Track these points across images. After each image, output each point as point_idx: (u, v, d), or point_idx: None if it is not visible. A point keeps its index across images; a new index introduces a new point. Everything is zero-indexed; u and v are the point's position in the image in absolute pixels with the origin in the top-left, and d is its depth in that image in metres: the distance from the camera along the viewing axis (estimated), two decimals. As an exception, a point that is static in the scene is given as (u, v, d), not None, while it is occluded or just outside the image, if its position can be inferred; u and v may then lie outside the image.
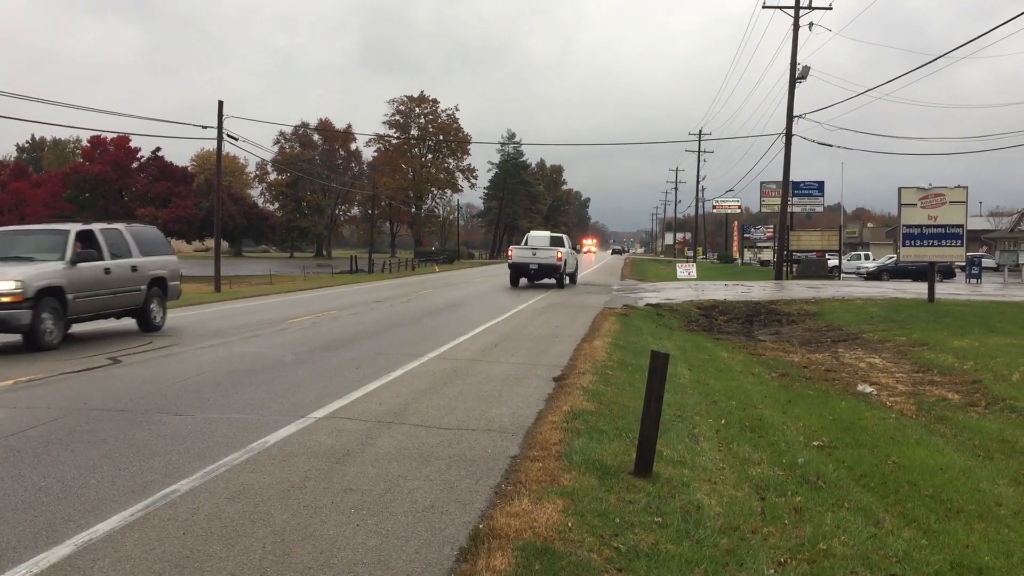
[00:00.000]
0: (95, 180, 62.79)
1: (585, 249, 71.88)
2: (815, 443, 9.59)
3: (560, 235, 39.59)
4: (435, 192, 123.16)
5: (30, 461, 7.44)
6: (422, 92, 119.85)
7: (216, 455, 7.63)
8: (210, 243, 65.89)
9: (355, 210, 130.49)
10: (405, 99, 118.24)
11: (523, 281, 37.28)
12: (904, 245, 29.42)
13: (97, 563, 5.13)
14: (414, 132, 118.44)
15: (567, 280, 37.68)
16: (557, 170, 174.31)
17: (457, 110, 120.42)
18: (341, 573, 5.06)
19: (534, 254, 35.99)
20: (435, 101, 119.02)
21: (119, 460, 7.46)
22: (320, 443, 8.18)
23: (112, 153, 63.24)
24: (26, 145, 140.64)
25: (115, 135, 62.12)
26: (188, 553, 5.31)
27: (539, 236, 38.77)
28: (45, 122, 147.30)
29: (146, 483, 6.76)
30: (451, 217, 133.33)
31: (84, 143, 73.27)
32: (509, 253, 37.57)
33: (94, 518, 5.92)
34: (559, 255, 35.84)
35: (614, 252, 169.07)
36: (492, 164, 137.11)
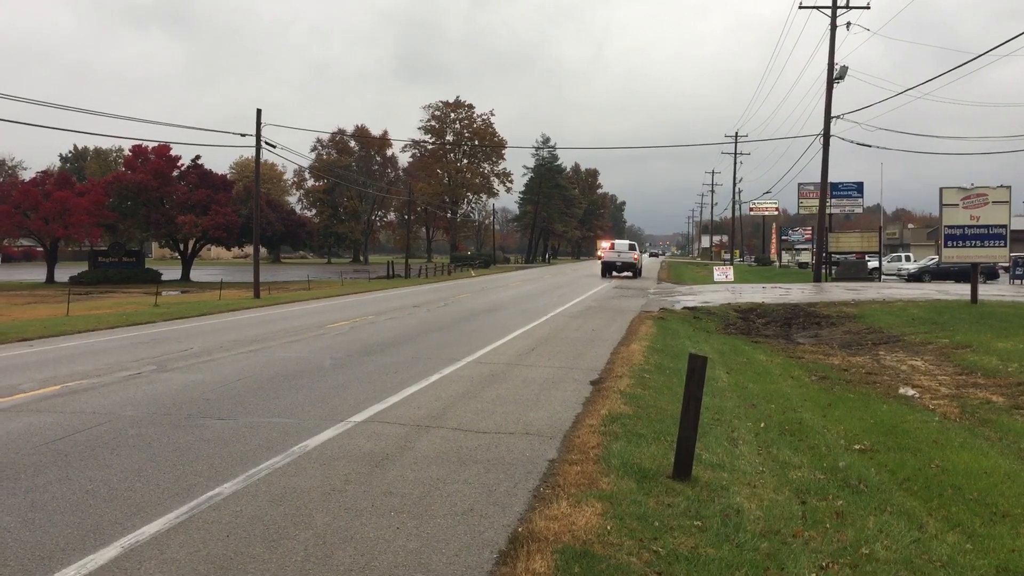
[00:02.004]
0: (137, 188, 63.51)
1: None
2: (856, 447, 9.49)
3: (635, 243, 60.45)
4: (471, 197, 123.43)
5: (77, 464, 7.58)
6: (457, 97, 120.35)
7: (258, 459, 7.73)
8: (249, 250, 66.53)
9: (391, 215, 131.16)
10: (440, 104, 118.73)
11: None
12: (946, 246, 28.97)
13: (143, 565, 5.22)
14: (449, 137, 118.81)
15: (640, 273, 56.02)
16: (592, 174, 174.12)
17: (492, 115, 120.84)
18: (382, 575, 5.10)
19: (619, 255, 54.98)
20: (470, 106, 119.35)
21: (164, 464, 7.59)
22: (359, 447, 8.25)
23: (153, 162, 64.01)
24: (69, 155, 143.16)
25: (156, 144, 62.91)
26: (232, 555, 5.39)
27: (622, 243, 58.45)
28: (88, 132, 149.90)
29: (190, 486, 6.86)
30: (487, 222, 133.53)
31: (126, 152, 74.41)
32: (600, 255, 58.01)
33: (140, 520, 6.02)
34: (635, 256, 56.36)
35: (651, 255, 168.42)
36: (527, 168, 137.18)
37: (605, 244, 60.43)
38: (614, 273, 53.85)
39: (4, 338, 18.96)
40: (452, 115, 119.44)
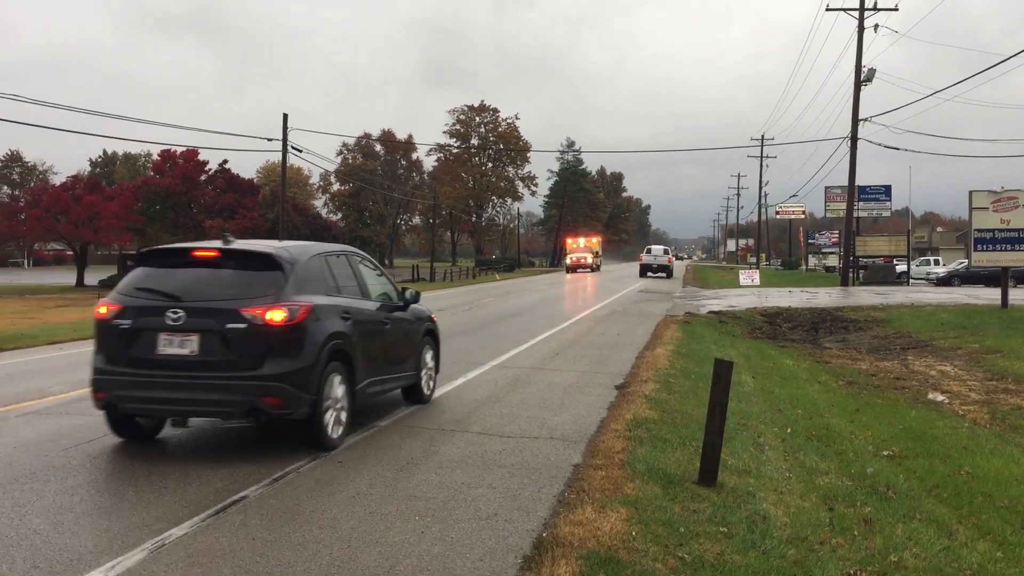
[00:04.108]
0: (165, 193, 64.35)
1: (571, 257, 77.24)
2: (885, 453, 9.41)
3: (668, 248, 72.03)
4: (495, 201, 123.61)
5: (106, 468, 7.66)
6: (482, 102, 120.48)
7: (283, 462, 7.76)
8: (275, 253, 66.98)
9: (416, 219, 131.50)
10: (465, 108, 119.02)
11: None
12: (976, 250, 28.62)
13: (170, 568, 5.27)
14: (474, 141, 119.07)
15: (672, 274, 62.04)
16: (617, 177, 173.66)
17: (517, 118, 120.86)
18: (407, 580, 5.11)
19: (655, 259, 62.28)
20: (495, 110, 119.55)
21: (188, 467, 7.64)
22: (384, 450, 8.28)
23: (181, 166, 64.78)
24: (99, 160, 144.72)
25: (184, 149, 63.61)
26: (258, 558, 5.42)
27: (657, 248, 66.20)
28: (118, 137, 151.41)
29: (216, 489, 6.91)
30: (511, 225, 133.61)
31: (155, 157, 75.24)
32: (641, 258, 64.33)
33: (167, 523, 6.07)
34: (669, 259, 64.45)
35: (676, 258, 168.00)
36: (552, 172, 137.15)
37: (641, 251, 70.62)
38: (649, 274, 60.83)
39: (35, 341, 19.19)
40: (477, 119, 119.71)
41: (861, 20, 44.92)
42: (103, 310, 8.27)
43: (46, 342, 19.13)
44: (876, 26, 45.07)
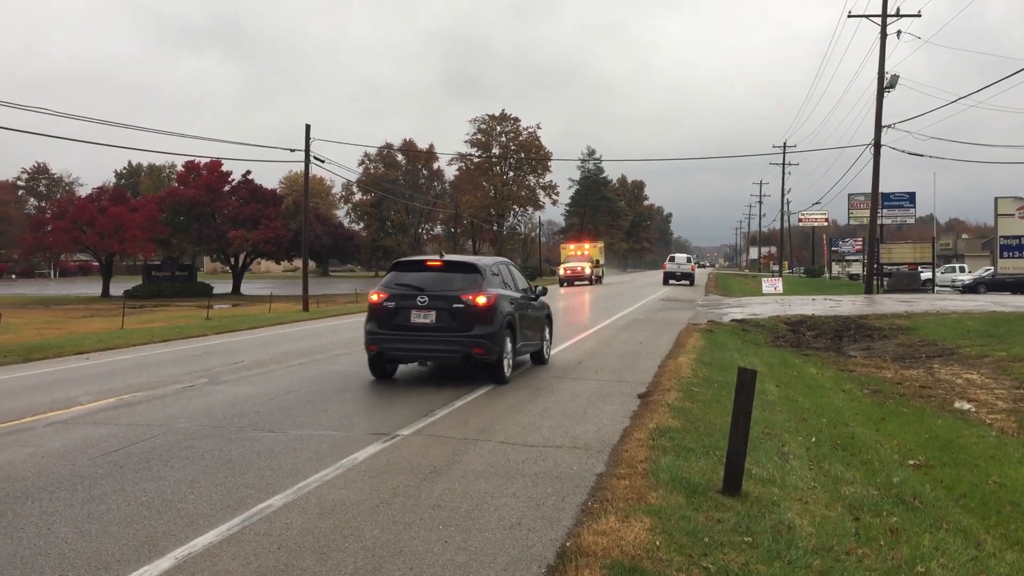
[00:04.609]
0: (189, 203, 64.78)
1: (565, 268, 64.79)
2: (911, 462, 9.32)
3: (691, 256, 72.76)
4: (517, 209, 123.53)
5: (132, 476, 7.72)
6: (503, 111, 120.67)
7: (307, 471, 7.80)
8: (298, 263, 67.37)
9: (438, 229, 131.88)
10: (487, 118, 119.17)
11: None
12: (1002, 257, 28.43)
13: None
14: (496, 150, 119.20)
15: (694, 281, 63.36)
16: (639, 185, 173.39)
17: (539, 127, 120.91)
18: (431, 589, 5.12)
19: (679, 267, 63.50)
20: (516, 119, 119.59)
21: (216, 476, 7.69)
22: (408, 460, 8.29)
23: (205, 177, 65.22)
24: (124, 171, 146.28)
25: (208, 160, 64.13)
26: (283, 567, 5.44)
27: (681, 256, 67.45)
28: (143, 149, 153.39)
29: (242, 498, 6.95)
30: (533, 234, 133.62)
31: (179, 168, 75.88)
32: (664, 266, 65.52)
33: (193, 532, 6.11)
34: (692, 267, 65.66)
35: (699, 266, 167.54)
36: (573, 181, 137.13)
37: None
38: (672, 281, 62.14)
39: (61, 351, 19.40)
40: (498, 128, 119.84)
41: (884, 26, 44.67)
42: (375, 297, 13.45)
43: (72, 352, 19.33)
44: (899, 32, 44.79)
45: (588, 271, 64.12)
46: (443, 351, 13.06)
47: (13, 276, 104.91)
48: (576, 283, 62.42)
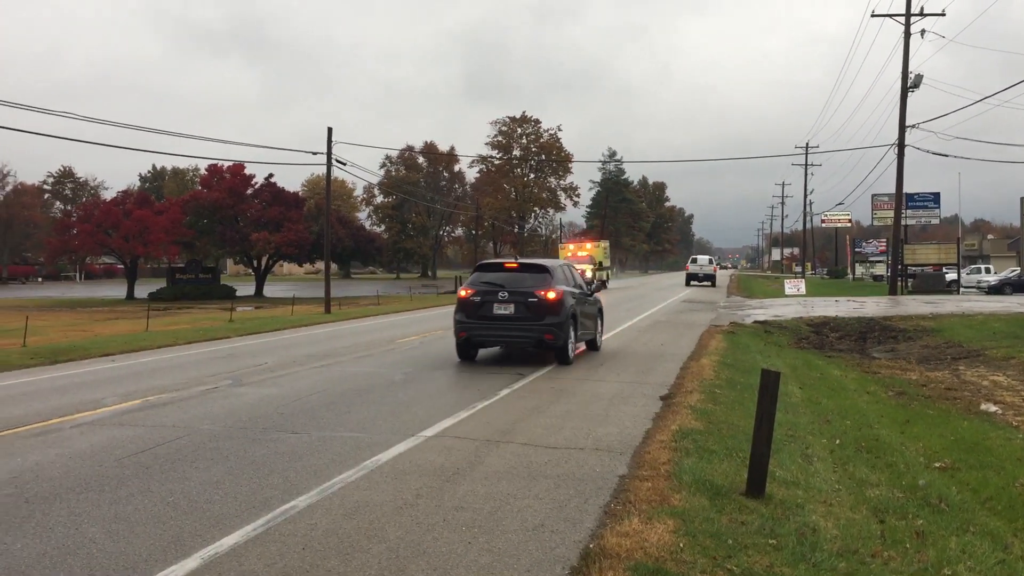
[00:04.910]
0: (212, 207, 65.16)
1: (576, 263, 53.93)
2: (936, 464, 9.25)
3: (713, 258, 75.57)
4: (538, 211, 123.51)
5: (158, 477, 7.79)
6: (523, 113, 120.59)
7: (331, 472, 7.85)
8: (320, 265, 67.67)
9: (459, 231, 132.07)
10: (507, 120, 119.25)
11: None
12: (1028, 257, 28.02)
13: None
14: (516, 152, 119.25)
15: (716, 282, 65.78)
16: (660, 187, 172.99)
17: (559, 129, 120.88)
18: (454, 590, 5.13)
19: (701, 268, 66.15)
20: (537, 121, 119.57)
21: (240, 476, 7.75)
22: (430, 461, 8.32)
23: (228, 180, 65.56)
24: (148, 175, 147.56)
25: (231, 163, 64.52)
26: (308, 568, 5.48)
27: (703, 258, 69.98)
28: (167, 152, 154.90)
29: (266, 499, 7.00)
30: (554, 236, 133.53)
31: (202, 171, 76.30)
32: (687, 268, 68.16)
33: (219, 532, 6.16)
34: (714, 268, 69.19)
35: (720, 268, 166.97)
36: (594, 183, 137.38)
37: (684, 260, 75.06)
38: (694, 282, 64.44)
39: (87, 353, 19.59)
40: (519, 130, 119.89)
41: (907, 25, 44.34)
42: (463, 293, 16.05)
43: (98, 354, 19.51)
44: (923, 31, 44.44)
45: (588, 274, 54.85)
46: (520, 337, 15.80)
47: (39, 279, 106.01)
48: None
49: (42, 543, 6.01)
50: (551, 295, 15.38)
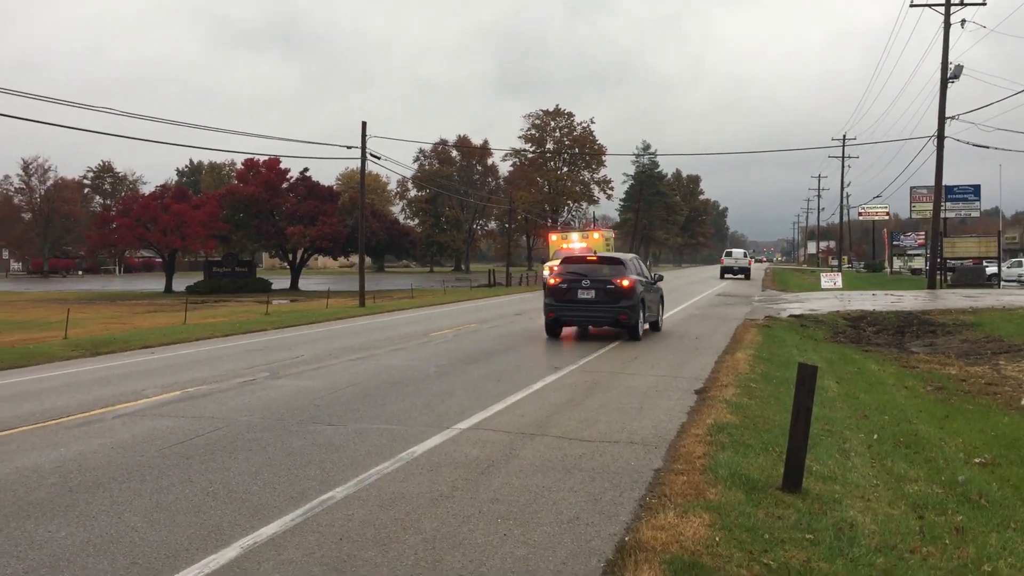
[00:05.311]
0: (248, 201, 65.68)
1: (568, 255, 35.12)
2: (976, 460, 9.13)
3: (747, 251, 78.72)
4: (571, 205, 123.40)
5: (198, 467, 7.91)
6: (557, 106, 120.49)
7: (367, 464, 7.92)
8: (354, 259, 68.06)
9: (492, 224, 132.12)
10: (541, 113, 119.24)
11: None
12: (1072, 250, 27.52)
13: (262, 566, 5.42)
14: (550, 145, 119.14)
15: (750, 275, 66.86)
16: (694, 180, 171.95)
17: (592, 122, 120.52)
18: (490, 581, 5.17)
19: (735, 261, 67.55)
20: (570, 114, 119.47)
21: (278, 467, 7.85)
22: (465, 454, 8.36)
23: (264, 175, 66.06)
24: (185, 169, 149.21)
25: (266, 157, 64.94)
26: (345, 558, 5.54)
27: (738, 252, 71.58)
28: (204, 147, 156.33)
29: (304, 490, 7.08)
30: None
31: (238, 166, 76.96)
32: (722, 261, 69.44)
33: (258, 522, 6.25)
34: (749, 261, 70.67)
35: (755, 261, 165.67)
36: (627, 176, 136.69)
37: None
38: (728, 275, 65.56)
39: (127, 345, 19.89)
40: (552, 123, 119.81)
41: (947, 15, 43.65)
42: (552, 281, 19.59)
43: (138, 346, 19.80)
44: (963, 21, 43.71)
45: None
46: (599, 316, 19.01)
47: (80, 272, 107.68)
48: None
49: (86, 531, 6.13)
50: (625, 283, 18.58)
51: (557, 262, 40.19)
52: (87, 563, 5.51)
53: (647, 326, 20.31)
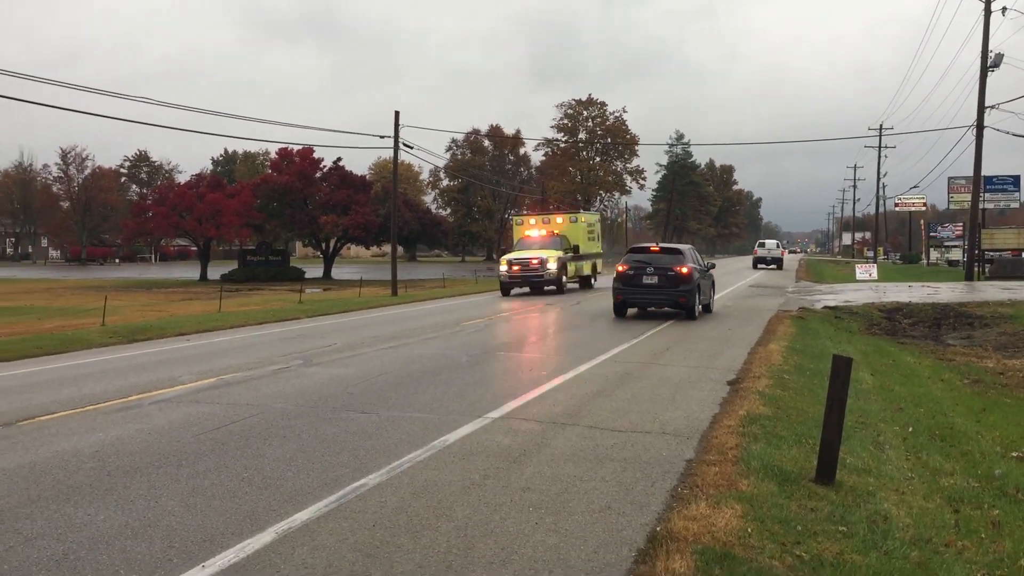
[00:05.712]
0: (282, 190, 66.12)
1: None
2: (1014, 454, 9.02)
3: (779, 242, 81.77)
4: (603, 195, 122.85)
5: (234, 454, 8.01)
6: (589, 95, 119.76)
7: (400, 452, 7.97)
8: (387, 248, 68.24)
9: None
10: (573, 103, 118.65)
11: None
12: (1114, 242, 27.01)
13: (296, 551, 5.48)
14: (582, 135, 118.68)
15: (783, 265, 67.60)
16: (727, 170, 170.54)
17: (625, 112, 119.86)
18: (522, 569, 5.19)
19: (768, 252, 68.69)
20: (603, 104, 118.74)
21: (312, 454, 7.93)
22: (497, 443, 8.39)
23: (297, 164, 66.45)
24: (220, 158, 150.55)
25: (300, 147, 65.35)
26: (378, 544, 5.59)
27: (771, 242, 73.42)
28: (238, 136, 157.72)
29: (337, 476, 7.15)
30: (619, 220, 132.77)
31: (272, 155, 77.52)
32: (755, 251, 70.60)
33: (292, 508, 6.32)
34: (782, 252, 72.09)
35: (789, 252, 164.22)
36: (660, 166, 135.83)
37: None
38: (761, 265, 66.69)
39: (163, 333, 20.15)
40: (584, 113, 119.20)
41: (988, 3, 42.90)
42: (620, 268, 22.22)
43: (173, 334, 20.06)
44: (1004, 9, 42.94)
45: (551, 265, 33.78)
46: (661, 299, 21.79)
47: (117, 260, 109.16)
48: (527, 284, 34.02)
49: (124, 515, 6.23)
50: (684, 270, 21.39)
51: (516, 254, 34.80)
52: (125, 546, 5.61)
53: (700, 308, 22.47)
